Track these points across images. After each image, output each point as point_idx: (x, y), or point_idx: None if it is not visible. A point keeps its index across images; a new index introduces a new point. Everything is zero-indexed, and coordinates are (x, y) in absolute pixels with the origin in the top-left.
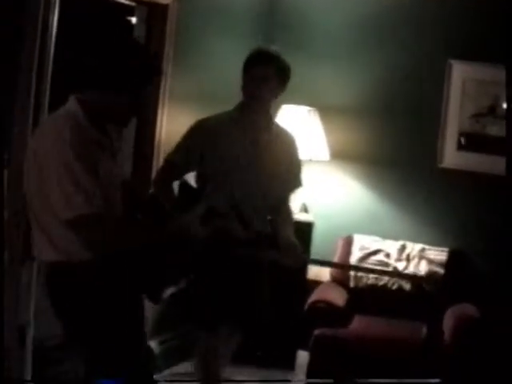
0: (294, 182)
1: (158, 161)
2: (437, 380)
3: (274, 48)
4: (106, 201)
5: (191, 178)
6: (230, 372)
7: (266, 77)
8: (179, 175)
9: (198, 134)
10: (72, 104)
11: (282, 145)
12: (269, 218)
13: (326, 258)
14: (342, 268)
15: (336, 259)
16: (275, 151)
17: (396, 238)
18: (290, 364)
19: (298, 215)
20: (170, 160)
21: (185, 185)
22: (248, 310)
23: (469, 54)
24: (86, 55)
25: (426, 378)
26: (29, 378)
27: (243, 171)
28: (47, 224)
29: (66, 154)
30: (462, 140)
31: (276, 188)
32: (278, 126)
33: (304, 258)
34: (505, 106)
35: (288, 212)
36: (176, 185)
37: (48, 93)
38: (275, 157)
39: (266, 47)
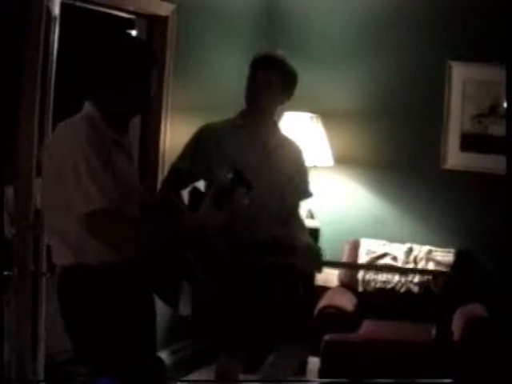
0: (304, 190)
1: (163, 172)
2: (449, 380)
3: (281, 53)
4: (122, 200)
5: (201, 185)
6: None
7: (269, 82)
8: (187, 183)
9: (203, 140)
10: (87, 108)
11: (289, 152)
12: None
13: None
14: (358, 268)
15: None
16: (283, 157)
17: (402, 241)
18: (301, 370)
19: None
20: (176, 167)
21: (196, 191)
22: (281, 323)
23: (468, 55)
24: (89, 63)
25: (438, 379)
26: None
27: (252, 176)
28: (64, 226)
29: (84, 151)
30: (465, 141)
31: (286, 193)
32: (283, 134)
33: (322, 261)
34: (506, 105)
35: (300, 217)
36: (186, 192)
37: (51, 107)
38: (283, 162)
39: (272, 51)
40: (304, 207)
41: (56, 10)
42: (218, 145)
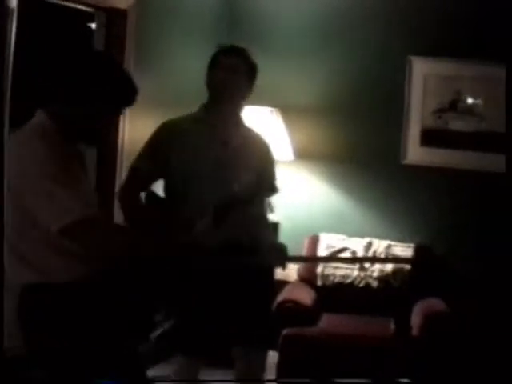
0: (271, 186)
1: (122, 166)
2: (406, 380)
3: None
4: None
5: (158, 187)
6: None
7: (238, 69)
8: (147, 183)
9: (163, 137)
10: (41, 117)
11: (255, 149)
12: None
13: None
14: (321, 261)
15: None
16: (248, 154)
17: (362, 236)
18: None
19: None
20: (136, 167)
21: (152, 195)
22: (249, 323)
23: (429, 50)
24: (55, 68)
25: (395, 373)
26: None
27: (213, 174)
28: (27, 245)
29: (48, 166)
30: (425, 136)
31: (253, 190)
32: (249, 129)
33: (287, 257)
34: (470, 101)
35: (265, 215)
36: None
37: (8, 108)
38: (249, 159)
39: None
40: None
41: (13, 1)
42: (179, 142)
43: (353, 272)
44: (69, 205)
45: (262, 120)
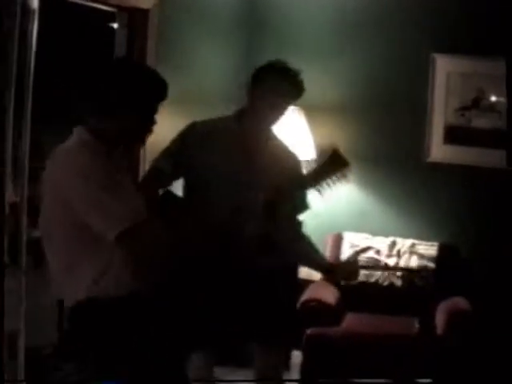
0: (303, 204)
1: (145, 167)
2: (428, 380)
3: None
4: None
5: (178, 185)
6: (224, 373)
7: (286, 96)
8: (165, 183)
9: (188, 139)
10: (81, 133)
11: (283, 169)
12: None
13: None
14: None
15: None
16: (274, 172)
17: (386, 235)
18: (285, 364)
19: None
20: (156, 166)
21: (168, 195)
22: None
23: (452, 48)
24: (85, 84)
25: (419, 373)
26: None
27: (234, 187)
28: (78, 261)
29: (94, 176)
30: (448, 134)
31: (281, 207)
32: (280, 143)
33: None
34: (493, 98)
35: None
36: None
37: (30, 113)
38: (273, 178)
39: (287, 64)
40: None
41: (34, 1)
42: (204, 147)
43: (376, 271)
44: (119, 213)
45: (284, 119)
